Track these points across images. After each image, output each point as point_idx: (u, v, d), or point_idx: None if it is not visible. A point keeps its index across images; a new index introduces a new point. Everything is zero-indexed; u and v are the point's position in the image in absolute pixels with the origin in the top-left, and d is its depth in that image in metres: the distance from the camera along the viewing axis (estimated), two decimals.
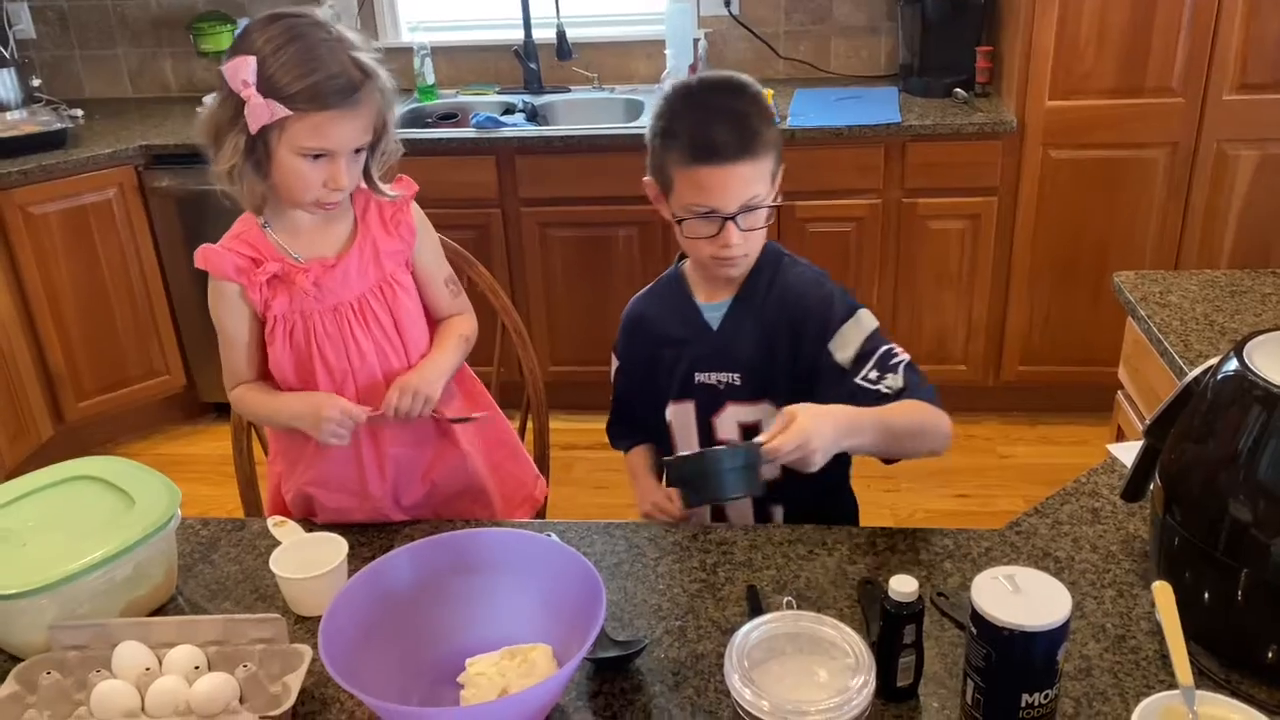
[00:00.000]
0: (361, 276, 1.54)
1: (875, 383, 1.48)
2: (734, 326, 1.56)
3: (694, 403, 1.60)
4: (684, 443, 1.63)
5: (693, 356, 1.58)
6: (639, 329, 1.67)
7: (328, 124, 1.39)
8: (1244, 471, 1.11)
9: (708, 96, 1.48)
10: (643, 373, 1.66)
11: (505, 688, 1.14)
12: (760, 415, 1.57)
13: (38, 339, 3.24)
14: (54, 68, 3.83)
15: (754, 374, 1.56)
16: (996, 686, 1.07)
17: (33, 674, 1.18)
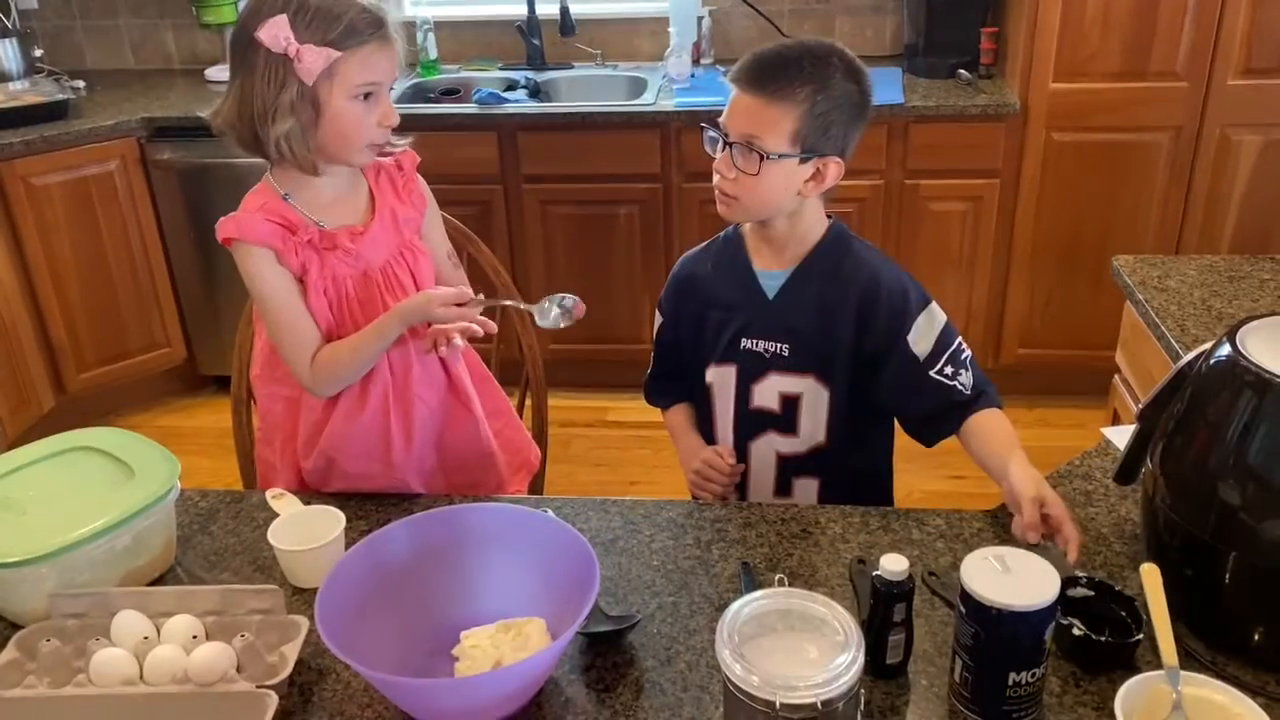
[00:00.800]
0: (386, 243, 1.57)
1: (951, 379, 1.51)
2: (792, 297, 1.55)
3: (737, 367, 1.58)
4: (722, 406, 1.62)
5: (743, 321, 1.57)
6: (689, 287, 1.64)
7: (374, 55, 1.43)
8: (1234, 456, 1.12)
9: (791, 38, 1.50)
10: (689, 331, 1.64)
11: (499, 660, 1.15)
12: (802, 388, 1.56)
13: (39, 310, 3.24)
14: (56, 38, 3.82)
15: (804, 346, 1.55)
16: (984, 665, 1.08)
17: (32, 641, 1.20)
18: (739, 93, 1.45)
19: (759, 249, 1.58)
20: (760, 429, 1.60)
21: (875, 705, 1.14)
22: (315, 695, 1.18)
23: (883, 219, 3.17)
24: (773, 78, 1.42)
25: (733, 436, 1.62)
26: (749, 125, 1.44)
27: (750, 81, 1.44)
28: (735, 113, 1.46)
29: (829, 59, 1.45)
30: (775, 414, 1.58)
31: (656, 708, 1.15)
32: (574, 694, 1.17)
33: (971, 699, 1.11)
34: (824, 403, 1.56)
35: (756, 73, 1.44)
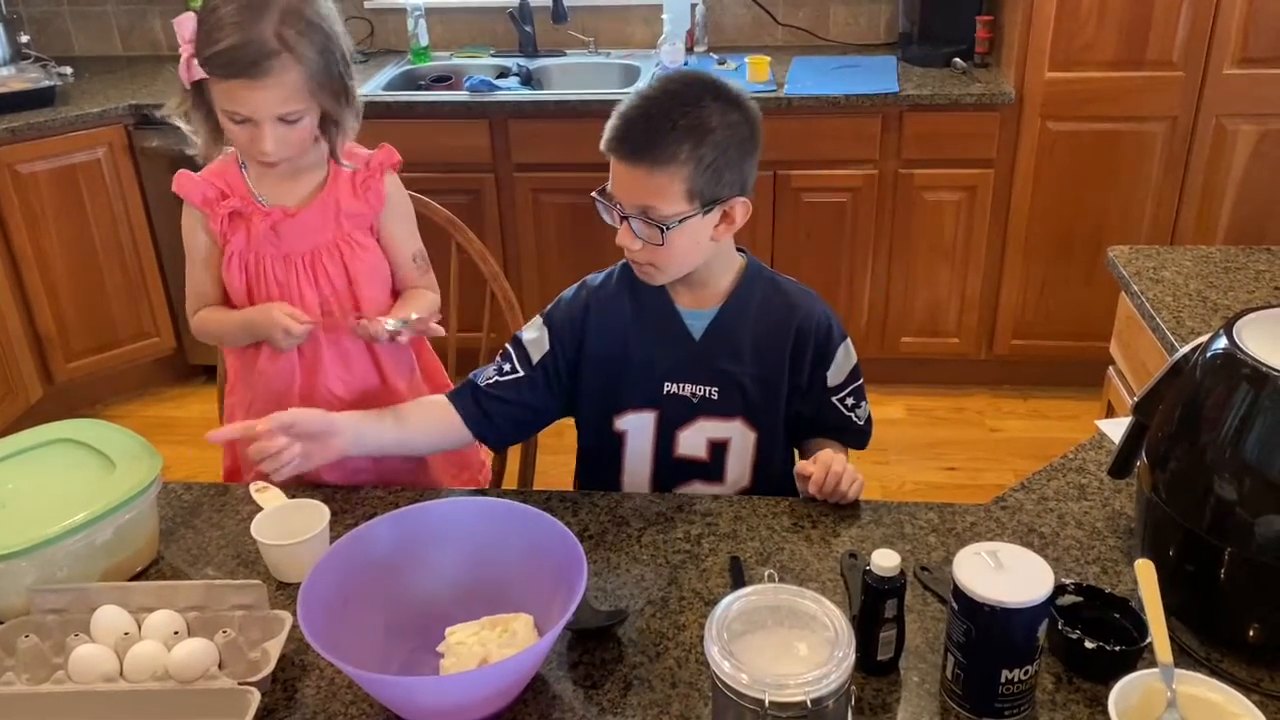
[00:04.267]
0: (318, 231, 1.56)
1: (850, 410, 1.55)
2: (719, 337, 1.48)
3: (657, 413, 1.50)
4: (636, 455, 1.53)
5: (667, 364, 1.48)
6: (603, 323, 1.50)
7: (237, 91, 1.41)
8: (1230, 450, 1.11)
9: (658, 84, 1.37)
10: (595, 374, 1.51)
11: (485, 657, 1.13)
12: (731, 433, 1.50)
13: (26, 300, 3.21)
14: (42, 24, 3.78)
15: (734, 389, 1.48)
16: (977, 662, 1.07)
17: (11, 637, 1.18)
18: (617, 163, 1.36)
19: (677, 290, 1.49)
20: (684, 478, 1.53)
21: (866, 702, 1.13)
22: (298, 692, 1.17)
23: (876, 209, 3.15)
24: (648, 146, 1.32)
25: (649, 486, 1.55)
26: (639, 197, 1.35)
27: (627, 154, 1.34)
28: (621, 185, 1.37)
29: (700, 102, 1.34)
30: (703, 462, 1.52)
31: (645, 704, 1.13)
32: (561, 690, 1.16)
33: (963, 696, 1.10)
34: (750, 445, 1.52)
35: (630, 144, 1.33)
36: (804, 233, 3.19)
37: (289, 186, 1.57)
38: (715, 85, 1.37)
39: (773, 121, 3.08)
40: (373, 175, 1.59)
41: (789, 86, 3.12)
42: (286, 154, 1.49)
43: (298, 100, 1.43)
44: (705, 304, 1.49)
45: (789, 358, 1.49)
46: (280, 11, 1.40)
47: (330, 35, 1.45)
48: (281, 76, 1.40)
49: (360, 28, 3.66)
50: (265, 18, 1.39)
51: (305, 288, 1.58)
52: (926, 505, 1.43)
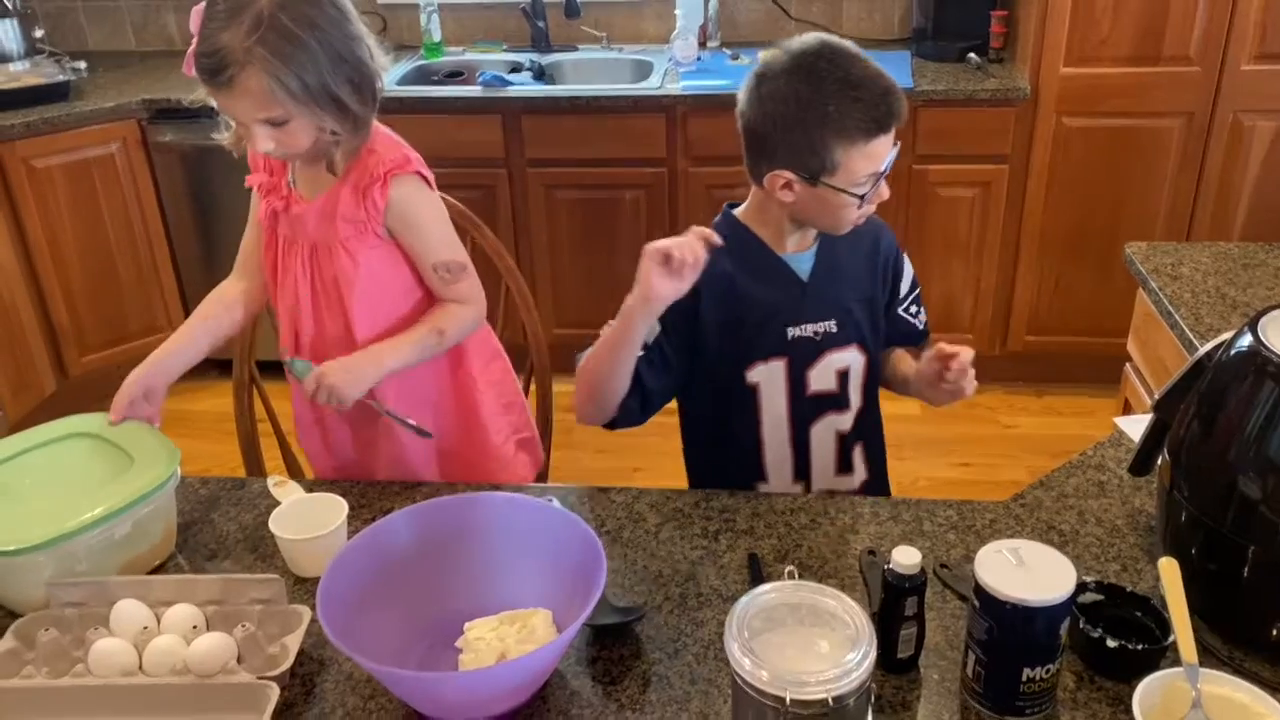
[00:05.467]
0: (315, 227, 1.54)
1: (914, 316, 1.66)
2: (825, 273, 1.54)
3: (787, 359, 1.54)
4: (771, 402, 1.55)
5: (785, 310, 1.53)
6: (714, 287, 1.48)
7: (216, 94, 1.40)
8: (1254, 448, 1.10)
9: (854, 70, 1.40)
10: (716, 338, 1.53)
11: (504, 652, 1.13)
12: (850, 360, 1.57)
13: (41, 293, 3.22)
14: (57, 18, 3.79)
15: (848, 317, 1.56)
16: (998, 660, 1.07)
17: (31, 630, 1.18)
18: (884, 136, 1.42)
19: (779, 238, 1.53)
20: (819, 413, 1.58)
21: (886, 699, 1.13)
22: (317, 687, 1.17)
23: (891, 204, 3.13)
24: (899, 95, 1.42)
25: (788, 429, 1.57)
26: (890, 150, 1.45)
27: (897, 116, 1.42)
28: (887, 148, 1.44)
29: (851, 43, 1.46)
30: (833, 394, 1.58)
31: (664, 701, 1.13)
32: (580, 687, 1.16)
33: (984, 694, 1.09)
34: (862, 368, 1.59)
35: (894, 105, 1.41)
36: None
37: (312, 175, 1.55)
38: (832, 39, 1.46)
39: None
40: (374, 181, 1.50)
41: None
42: (288, 151, 1.46)
43: (273, 107, 1.37)
44: (804, 246, 1.55)
45: (873, 273, 1.60)
46: (254, 17, 1.33)
47: (314, 45, 1.36)
48: (246, 85, 1.35)
49: (373, 23, 3.63)
50: (236, 24, 1.33)
51: (301, 279, 1.57)
52: (945, 502, 1.43)
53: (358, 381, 1.49)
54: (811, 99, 1.39)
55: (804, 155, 1.41)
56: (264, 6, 1.34)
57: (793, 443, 1.58)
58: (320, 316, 1.58)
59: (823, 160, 1.41)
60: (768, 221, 1.53)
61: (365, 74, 1.45)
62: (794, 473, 1.60)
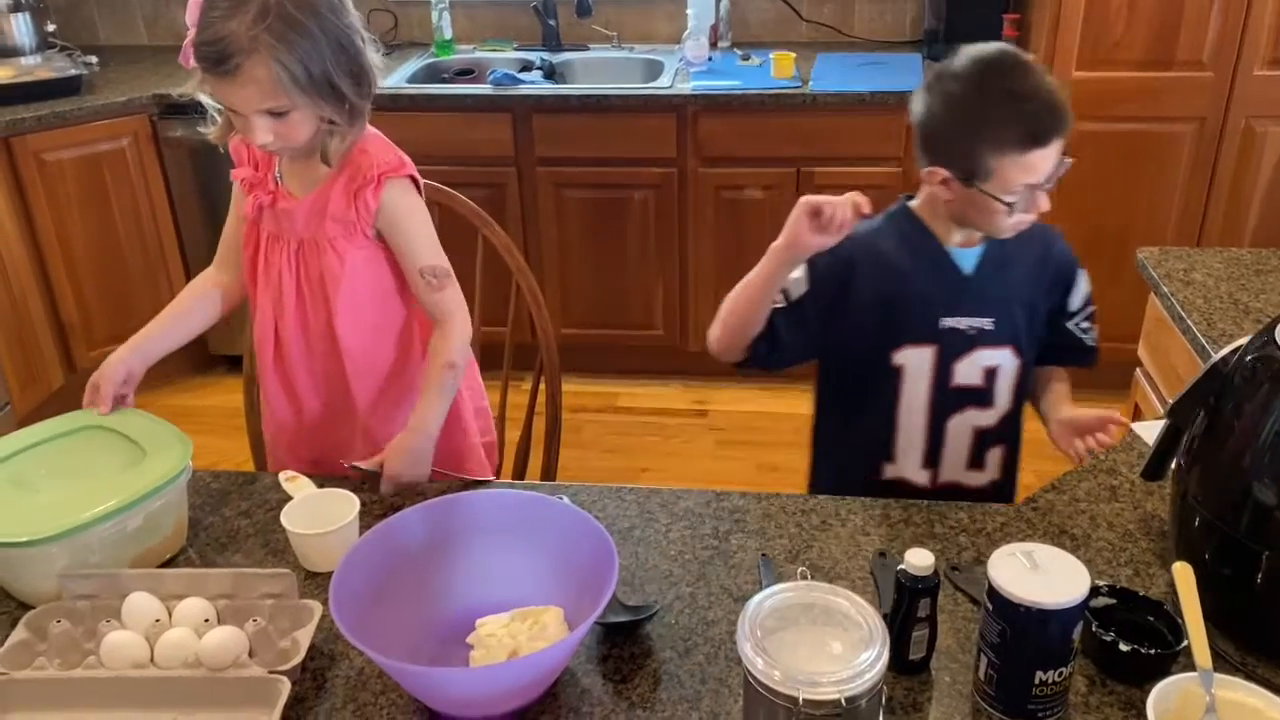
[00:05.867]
0: (304, 224, 1.54)
1: (1084, 333, 1.67)
2: (990, 271, 1.56)
3: (936, 347, 1.57)
4: (913, 387, 1.59)
5: (943, 302, 1.56)
6: (875, 263, 1.56)
7: (217, 84, 1.39)
8: (1270, 454, 1.09)
9: (1020, 83, 1.44)
10: (863, 312, 1.57)
11: (515, 649, 1.13)
12: (1001, 360, 1.58)
13: (50, 287, 3.23)
14: (69, 13, 3.79)
15: (1006, 318, 1.57)
16: (1011, 663, 1.06)
17: (43, 622, 1.19)
18: (1045, 148, 1.43)
19: (946, 231, 1.56)
20: (959, 406, 1.60)
21: (897, 701, 1.12)
22: (328, 681, 1.17)
23: None
24: (1064, 112, 1.45)
25: (925, 416, 1.60)
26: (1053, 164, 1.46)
27: (1058, 132, 1.44)
28: (1050, 161, 1.46)
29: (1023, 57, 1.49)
30: (978, 389, 1.59)
31: (674, 700, 1.13)
32: (590, 684, 1.15)
33: (996, 697, 1.09)
34: (1014, 371, 1.60)
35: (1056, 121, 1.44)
36: None
37: (301, 171, 1.54)
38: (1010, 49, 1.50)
39: (796, 118, 3.08)
40: (367, 183, 1.50)
41: (813, 83, 3.11)
42: (286, 144, 1.45)
43: (278, 97, 1.37)
44: (972, 242, 1.57)
45: (1040, 280, 1.61)
46: (260, 6, 1.33)
47: (317, 33, 1.37)
48: (253, 73, 1.34)
49: (384, 20, 3.66)
50: (241, 13, 1.33)
51: (286, 275, 1.57)
52: (956, 505, 1.43)
53: (422, 460, 1.49)
54: (975, 105, 1.44)
55: (961, 157, 1.45)
56: None
57: (928, 430, 1.61)
58: (304, 313, 1.58)
59: (977, 165, 1.44)
60: (936, 214, 1.57)
61: (363, 65, 1.46)
62: (924, 459, 1.63)
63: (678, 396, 3.44)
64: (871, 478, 1.64)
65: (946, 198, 1.50)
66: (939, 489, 1.63)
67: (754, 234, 3.24)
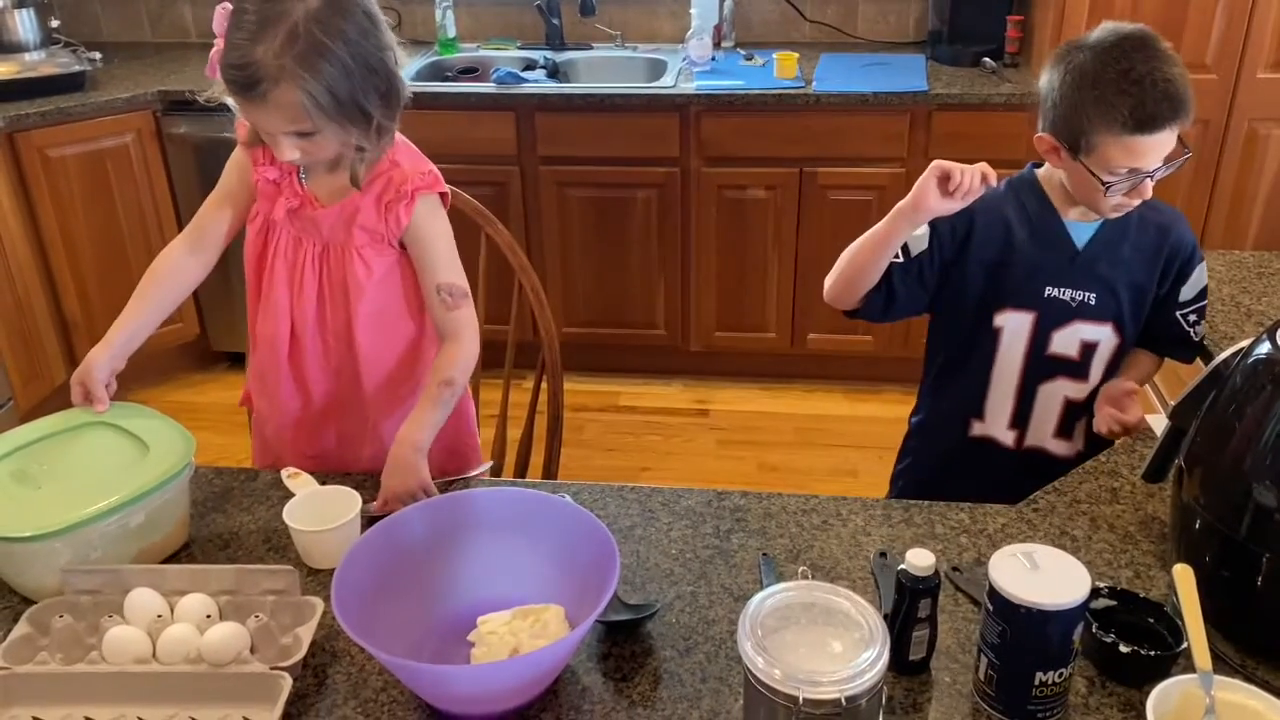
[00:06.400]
0: (330, 230, 1.53)
1: (1191, 325, 1.66)
2: (1102, 248, 1.59)
3: (1036, 314, 1.61)
4: (1010, 350, 1.64)
5: (1050, 270, 1.60)
6: (991, 227, 1.62)
7: (245, 107, 1.38)
8: (1271, 456, 1.10)
9: (1141, 65, 1.45)
10: (975, 273, 1.62)
11: (516, 647, 1.14)
12: (1100, 336, 1.62)
13: (53, 283, 3.23)
14: (73, 9, 3.80)
15: (1109, 295, 1.60)
16: (1011, 664, 1.07)
17: (45, 617, 1.19)
18: (1151, 136, 1.45)
19: (1064, 202, 1.61)
20: (1052, 374, 1.64)
21: (897, 701, 1.13)
22: (329, 678, 1.17)
23: None
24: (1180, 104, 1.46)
25: (1018, 379, 1.65)
26: (1168, 148, 1.49)
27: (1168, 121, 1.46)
28: (1159, 151, 1.48)
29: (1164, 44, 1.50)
30: (1073, 361, 1.63)
31: (675, 699, 1.13)
32: (591, 683, 1.16)
33: (996, 697, 1.09)
34: (1112, 349, 1.64)
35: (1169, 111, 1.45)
36: (830, 230, 3.17)
37: (325, 180, 1.54)
38: (1147, 32, 1.51)
39: (799, 119, 3.09)
40: (400, 198, 1.50)
41: (817, 84, 3.11)
42: (314, 159, 1.45)
43: (303, 121, 1.36)
44: (1090, 217, 1.60)
45: (1156, 265, 1.62)
46: (288, 31, 1.30)
47: (346, 58, 1.34)
48: (280, 100, 1.33)
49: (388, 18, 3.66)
50: (269, 38, 1.30)
51: (309, 277, 1.56)
52: (957, 506, 1.43)
53: (410, 473, 1.43)
54: (1092, 80, 1.47)
55: (1070, 128, 1.50)
56: (298, 19, 1.31)
57: (1019, 393, 1.66)
58: (323, 313, 1.58)
59: (1082, 139, 1.49)
60: (1056, 185, 1.61)
61: (394, 84, 1.43)
62: (1011, 420, 1.67)
63: (679, 396, 3.44)
64: (962, 434, 1.70)
65: (1056, 165, 1.56)
66: (1024, 451, 1.68)
67: (756, 234, 3.24)
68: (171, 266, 1.63)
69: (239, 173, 1.59)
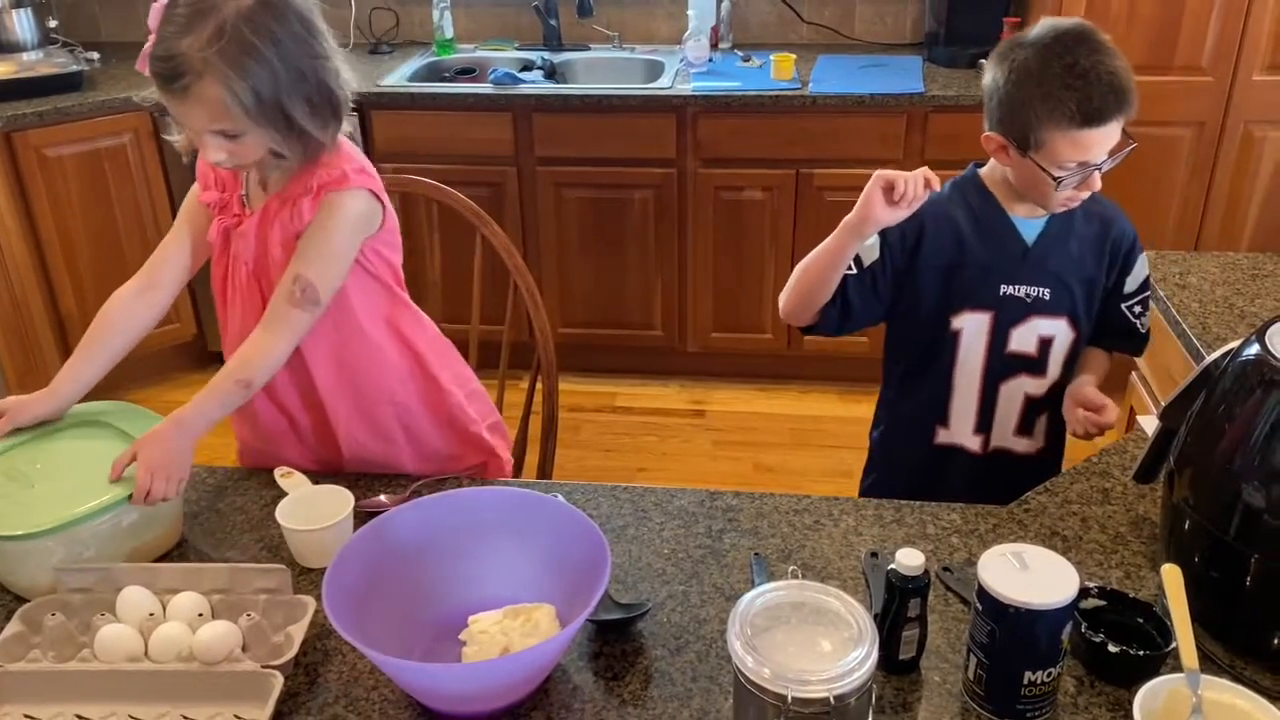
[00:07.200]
0: (254, 240, 1.48)
1: (1136, 317, 1.67)
2: (1051, 243, 1.60)
3: (993, 313, 1.61)
4: (969, 351, 1.63)
5: (1003, 269, 1.60)
6: (940, 231, 1.61)
7: (170, 101, 1.34)
8: (1259, 457, 1.10)
9: (1084, 59, 1.46)
10: (930, 277, 1.62)
11: (507, 646, 1.14)
12: (1056, 331, 1.61)
13: (49, 282, 3.24)
14: (71, 9, 3.80)
15: (1063, 289, 1.60)
16: (1000, 663, 1.07)
17: (38, 615, 1.19)
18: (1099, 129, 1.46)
19: (1009, 198, 1.61)
20: (1012, 372, 1.64)
21: (887, 701, 1.13)
22: (321, 676, 1.17)
23: None
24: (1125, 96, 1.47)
25: (979, 381, 1.65)
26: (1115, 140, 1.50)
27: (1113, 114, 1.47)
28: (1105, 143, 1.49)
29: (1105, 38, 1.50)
30: (1031, 357, 1.63)
31: (665, 697, 1.13)
32: (582, 682, 1.16)
33: (985, 697, 1.09)
34: (1068, 344, 1.63)
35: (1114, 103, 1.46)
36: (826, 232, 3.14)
37: (262, 192, 1.50)
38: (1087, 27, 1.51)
39: (796, 120, 3.09)
40: (306, 193, 1.44)
41: (813, 85, 3.11)
42: (241, 162, 1.40)
43: (224, 119, 1.33)
44: (1036, 213, 1.60)
45: (1101, 256, 1.63)
46: (216, 26, 1.28)
47: (274, 60, 1.31)
48: (202, 95, 1.30)
49: (386, 19, 3.67)
50: (196, 31, 1.28)
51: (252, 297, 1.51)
52: (949, 506, 1.43)
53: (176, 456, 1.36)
54: (1036, 76, 1.47)
55: (1018, 125, 1.50)
56: (227, 16, 1.29)
57: (981, 395, 1.65)
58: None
59: (1030, 135, 1.49)
60: (1000, 183, 1.61)
61: (325, 95, 1.39)
62: (976, 424, 1.67)
63: (675, 397, 3.45)
64: (927, 443, 1.69)
65: (1004, 164, 1.56)
66: (989, 455, 1.67)
67: (753, 235, 3.24)
68: (123, 313, 1.57)
69: (190, 199, 1.56)
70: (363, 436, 1.60)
